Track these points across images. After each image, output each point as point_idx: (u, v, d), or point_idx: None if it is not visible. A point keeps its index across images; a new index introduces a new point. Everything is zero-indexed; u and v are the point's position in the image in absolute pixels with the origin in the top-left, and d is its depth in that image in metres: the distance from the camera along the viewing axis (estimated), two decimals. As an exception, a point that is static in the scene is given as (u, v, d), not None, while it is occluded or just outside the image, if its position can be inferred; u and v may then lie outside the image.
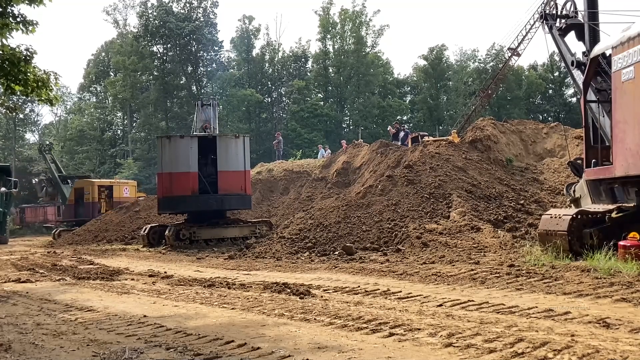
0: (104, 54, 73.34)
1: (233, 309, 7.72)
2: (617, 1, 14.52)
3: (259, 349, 5.37)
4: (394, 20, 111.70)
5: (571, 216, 10.39)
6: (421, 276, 9.83)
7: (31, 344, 6.03)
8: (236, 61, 67.80)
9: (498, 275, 9.24)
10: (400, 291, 8.40)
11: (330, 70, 66.83)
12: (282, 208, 25.45)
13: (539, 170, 19.65)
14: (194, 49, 63.63)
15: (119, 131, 71.85)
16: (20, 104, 55.41)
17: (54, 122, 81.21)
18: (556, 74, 66.93)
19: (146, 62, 62.36)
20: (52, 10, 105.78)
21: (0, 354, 5.54)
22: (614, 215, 10.14)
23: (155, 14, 62.22)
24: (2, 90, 10.94)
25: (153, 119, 64.17)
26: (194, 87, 64.91)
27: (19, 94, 10.91)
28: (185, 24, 61.08)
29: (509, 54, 47.11)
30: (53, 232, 34.26)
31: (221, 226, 21.09)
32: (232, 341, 5.71)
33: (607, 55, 11.20)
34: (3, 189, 31.28)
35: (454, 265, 10.92)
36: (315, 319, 6.71)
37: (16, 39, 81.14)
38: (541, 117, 61.82)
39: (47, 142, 44.45)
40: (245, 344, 5.58)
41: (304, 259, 14.00)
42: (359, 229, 15.52)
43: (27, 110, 70.21)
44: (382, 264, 11.95)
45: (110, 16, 69.84)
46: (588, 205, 11.46)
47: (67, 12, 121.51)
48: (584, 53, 12.67)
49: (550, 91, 68.27)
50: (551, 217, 10.90)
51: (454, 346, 5.19)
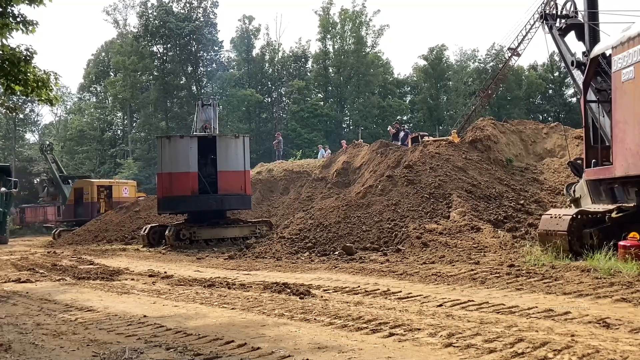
0: (104, 54, 73.36)
1: (233, 309, 7.72)
2: (617, 1, 14.53)
3: (259, 349, 5.37)
4: (394, 20, 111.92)
5: (571, 216, 10.40)
6: (421, 276, 9.83)
7: (31, 344, 6.03)
8: (236, 61, 67.84)
9: (498, 275, 9.24)
10: (400, 291, 8.40)
11: (330, 70, 66.85)
12: (282, 208, 25.45)
13: (539, 170, 19.65)
14: (194, 49, 63.66)
15: (119, 131, 71.88)
16: (20, 104, 55.44)
17: (54, 122, 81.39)
18: (556, 74, 66.95)
19: (146, 62, 62.37)
20: (52, 10, 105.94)
21: (0, 354, 5.54)
22: (614, 215, 10.14)
23: (155, 14, 62.25)
24: (2, 90, 10.93)
25: (153, 119, 64.18)
26: (194, 87, 64.93)
27: (19, 94, 10.91)
28: (185, 24, 61.10)
29: (509, 54, 47.13)
30: (53, 232, 34.27)
31: (221, 226, 21.09)
32: (232, 341, 5.71)
33: (607, 55, 11.19)
34: (3, 189, 31.29)
35: (454, 265, 10.92)
36: (315, 319, 6.71)
37: (16, 39, 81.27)
38: (541, 117, 61.84)
39: (47, 142, 44.46)
40: (245, 344, 5.58)
41: (304, 259, 14.00)
42: (359, 229, 15.52)
43: (27, 110, 70.25)
44: (382, 264, 11.95)
45: (110, 16, 70.03)
46: (588, 205, 11.46)
47: (67, 12, 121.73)
48: (584, 53, 12.67)
49: (550, 91, 68.29)
50: (551, 217, 10.90)
51: (454, 346, 5.19)
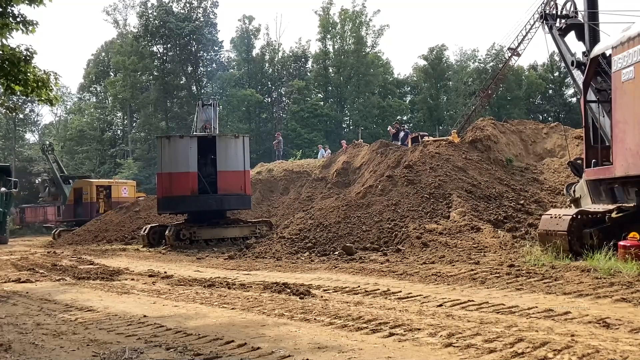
0: (104, 54, 73.38)
1: (233, 309, 7.72)
2: (617, 1, 14.53)
3: (259, 349, 5.37)
4: (394, 20, 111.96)
5: (571, 216, 10.40)
6: (421, 276, 9.83)
7: (31, 344, 6.03)
8: (236, 61, 67.85)
9: (498, 275, 9.24)
10: (400, 291, 8.39)
11: (330, 70, 66.86)
12: (282, 208, 25.45)
13: (539, 170, 19.65)
14: (194, 49, 63.67)
15: (119, 131, 71.90)
16: (20, 104, 55.44)
17: (54, 122, 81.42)
18: (556, 74, 66.96)
19: (146, 62, 62.38)
20: (52, 10, 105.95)
21: (0, 354, 5.54)
22: (614, 215, 10.14)
23: (155, 14, 62.27)
24: (2, 90, 10.94)
25: (153, 119, 64.18)
26: (194, 87, 64.95)
27: (19, 94, 10.92)
28: (185, 24, 61.12)
29: (509, 54, 47.12)
30: (53, 232, 34.27)
31: (221, 226, 21.08)
32: (232, 341, 5.71)
33: (607, 55, 11.19)
34: (3, 189, 31.29)
35: (454, 265, 10.92)
36: (315, 319, 6.71)
37: (16, 39, 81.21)
38: (541, 117, 61.84)
39: (47, 142, 44.49)
40: (245, 344, 5.58)
41: (304, 259, 14.00)
42: (359, 229, 15.51)
43: (27, 110, 70.29)
44: (382, 264, 11.95)
45: (110, 16, 70.04)
46: (588, 205, 11.46)
47: (67, 12, 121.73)
48: (584, 53, 12.67)
49: (550, 91, 68.30)
50: (551, 217, 10.90)
51: (454, 346, 5.19)
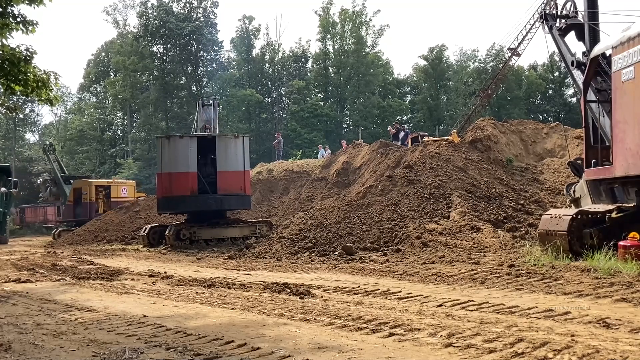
0: (104, 54, 73.38)
1: (233, 309, 7.72)
2: (617, 1, 14.53)
3: (259, 349, 5.37)
4: (394, 20, 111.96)
5: (571, 216, 10.39)
6: (421, 276, 9.83)
7: (31, 344, 6.03)
8: (236, 61, 67.84)
9: (498, 275, 9.24)
10: (400, 291, 8.39)
11: (330, 70, 66.86)
12: (282, 208, 25.45)
13: (539, 170, 19.65)
14: (194, 49, 63.67)
15: (119, 131, 71.90)
16: (20, 104, 55.44)
17: (54, 122, 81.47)
18: (556, 74, 66.96)
19: (146, 62, 62.38)
20: (52, 10, 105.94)
21: (0, 354, 5.54)
22: (614, 215, 10.14)
23: (155, 14, 62.26)
24: (2, 90, 10.93)
25: (153, 119, 64.19)
26: (194, 87, 64.95)
27: (19, 94, 10.91)
28: (185, 24, 61.11)
29: (509, 54, 47.11)
30: (53, 232, 34.27)
31: (221, 226, 21.08)
32: (232, 341, 5.71)
33: (607, 55, 11.19)
34: (3, 189, 31.29)
35: (454, 265, 10.92)
36: (315, 319, 6.71)
37: (16, 39, 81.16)
38: (541, 117, 61.84)
39: (47, 142, 44.51)
40: (245, 344, 5.58)
41: (304, 259, 14.00)
42: (359, 229, 15.51)
43: (27, 110, 70.29)
44: (382, 264, 11.94)
45: (110, 16, 70.03)
46: (588, 205, 11.46)
47: (67, 12, 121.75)
48: (584, 53, 12.66)
49: (550, 91, 68.30)
50: (551, 217, 10.90)
51: (454, 346, 5.18)
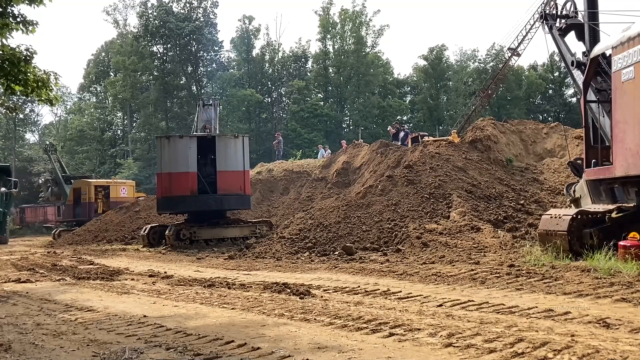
0: (104, 54, 73.37)
1: (233, 309, 7.72)
2: (617, 1, 14.53)
3: (259, 349, 5.37)
4: (394, 20, 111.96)
5: (571, 216, 10.39)
6: (421, 276, 9.83)
7: (31, 344, 6.03)
8: (236, 61, 67.83)
9: (498, 275, 9.24)
10: (400, 291, 8.39)
11: (330, 70, 66.85)
12: (282, 208, 25.45)
13: (539, 170, 19.64)
14: (194, 49, 63.66)
15: (119, 131, 71.89)
16: (20, 104, 55.44)
17: (54, 122, 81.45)
18: (556, 74, 66.95)
19: (146, 62, 62.36)
20: (52, 10, 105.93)
21: (0, 354, 5.54)
22: (614, 215, 10.14)
23: (155, 14, 62.25)
24: (2, 90, 10.94)
25: (153, 119, 64.19)
26: (194, 87, 64.94)
27: (19, 94, 10.91)
28: (185, 24, 61.11)
29: (509, 54, 47.11)
30: (53, 232, 34.27)
31: (221, 226, 21.07)
32: (232, 341, 5.71)
33: (607, 55, 11.19)
34: (3, 189, 31.28)
35: (454, 265, 10.92)
36: (315, 319, 6.71)
37: (16, 39, 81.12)
38: (541, 117, 61.84)
39: (48, 142, 44.53)
40: (245, 344, 5.58)
41: (304, 259, 14.00)
42: (359, 229, 15.51)
43: (27, 110, 70.28)
44: (382, 264, 11.95)
45: (110, 16, 69.99)
46: (588, 205, 11.46)
47: (67, 12, 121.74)
48: (584, 53, 12.66)
49: (550, 91, 68.29)
50: (551, 217, 10.90)
51: (454, 346, 5.18)
